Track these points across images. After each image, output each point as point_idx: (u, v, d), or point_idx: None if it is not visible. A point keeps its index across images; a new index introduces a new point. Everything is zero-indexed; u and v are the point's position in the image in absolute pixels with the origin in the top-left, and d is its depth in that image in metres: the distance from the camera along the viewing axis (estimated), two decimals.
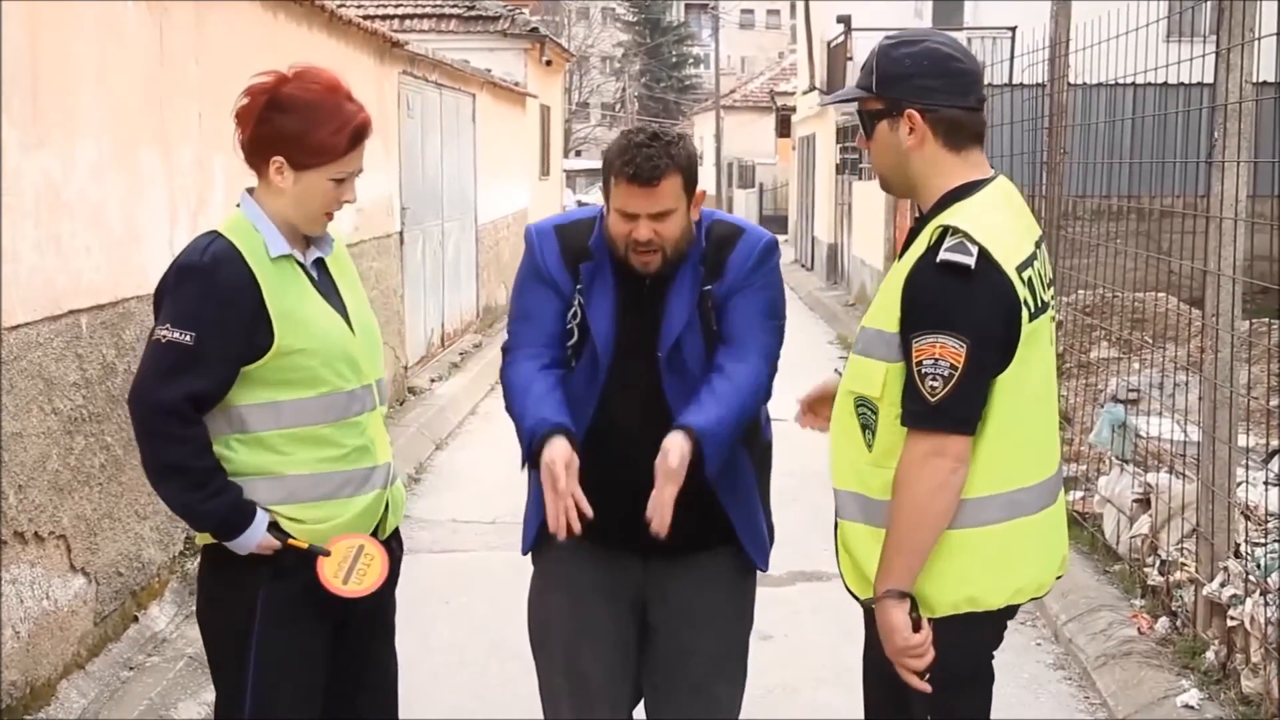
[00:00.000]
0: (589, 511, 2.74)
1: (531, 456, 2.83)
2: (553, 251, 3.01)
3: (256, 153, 2.80)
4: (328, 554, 2.81)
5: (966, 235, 2.48)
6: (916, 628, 2.59)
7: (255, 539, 2.77)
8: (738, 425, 2.87)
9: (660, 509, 2.74)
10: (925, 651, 2.59)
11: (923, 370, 2.48)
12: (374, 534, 2.93)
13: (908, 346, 2.51)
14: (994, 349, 2.52)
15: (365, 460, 2.89)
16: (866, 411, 2.62)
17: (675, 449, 2.75)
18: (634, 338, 2.94)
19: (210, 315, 2.69)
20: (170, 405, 2.70)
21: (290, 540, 2.79)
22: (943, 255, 2.47)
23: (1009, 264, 2.52)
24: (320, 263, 2.91)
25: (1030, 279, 2.58)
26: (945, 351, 2.46)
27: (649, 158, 2.81)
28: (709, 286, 2.95)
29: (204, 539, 2.87)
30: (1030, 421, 2.64)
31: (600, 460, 2.90)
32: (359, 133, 2.79)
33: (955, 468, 2.51)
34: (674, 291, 2.94)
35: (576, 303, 2.97)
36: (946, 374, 2.46)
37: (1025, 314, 2.54)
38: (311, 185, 2.78)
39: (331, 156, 2.77)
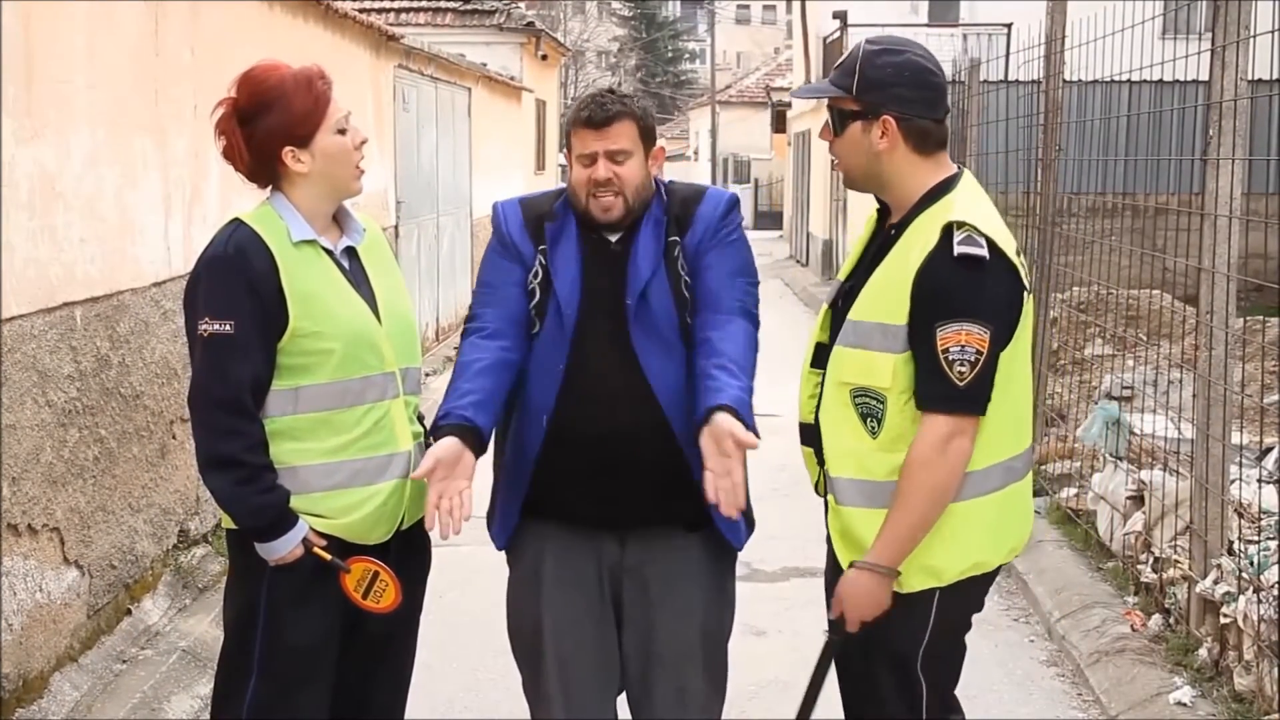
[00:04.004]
0: (469, 510, 2.78)
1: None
2: (516, 219, 3.11)
3: (265, 162, 2.88)
4: (348, 571, 2.88)
5: (973, 228, 2.62)
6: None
7: (289, 546, 2.82)
8: (752, 388, 2.93)
9: (730, 487, 2.71)
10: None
11: (950, 357, 2.60)
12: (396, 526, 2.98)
13: (929, 335, 2.62)
14: (1007, 331, 2.67)
15: (383, 448, 2.92)
16: (870, 401, 2.72)
17: (736, 427, 2.69)
18: (601, 294, 2.98)
19: (243, 301, 2.77)
20: (227, 399, 2.77)
21: (315, 550, 2.85)
22: (959, 249, 2.60)
23: (1010, 250, 2.67)
24: (353, 252, 2.97)
25: (1023, 260, 2.73)
26: (971, 338, 2.59)
27: (601, 104, 2.97)
28: (676, 237, 3.02)
29: (229, 522, 2.92)
30: (1020, 391, 2.78)
31: (575, 423, 2.95)
32: (320, 77, 2.89)
33: (970, 447, 2.65)
34: (639, 242, 3.01)
35: (539, 263, 3.03)
36: (973, 359, 2.60)
37: (1025, 294, 2.71)
38: (327, 147, 2.87)
39: (321, 109, 2.86)
